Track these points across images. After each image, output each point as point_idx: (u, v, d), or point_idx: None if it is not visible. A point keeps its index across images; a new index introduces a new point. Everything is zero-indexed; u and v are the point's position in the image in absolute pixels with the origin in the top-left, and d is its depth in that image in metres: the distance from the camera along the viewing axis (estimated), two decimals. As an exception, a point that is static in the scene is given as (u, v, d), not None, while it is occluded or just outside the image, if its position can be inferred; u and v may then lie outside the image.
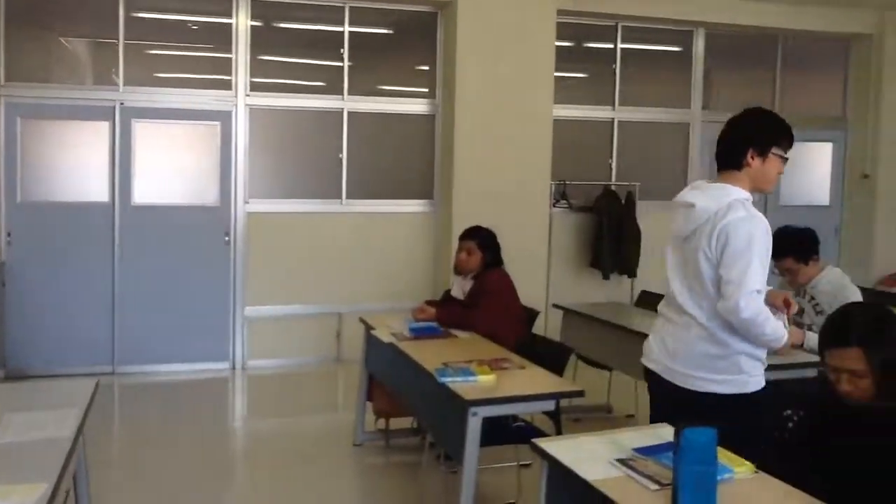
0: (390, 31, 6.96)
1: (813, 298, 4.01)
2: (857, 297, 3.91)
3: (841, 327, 2.16)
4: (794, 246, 3.94)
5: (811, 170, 8.29)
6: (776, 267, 4.05)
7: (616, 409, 5.45)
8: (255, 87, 6.50)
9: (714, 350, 2.67)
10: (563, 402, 5.07)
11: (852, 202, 8.20)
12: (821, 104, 8.36)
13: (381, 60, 6.96)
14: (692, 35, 7.58)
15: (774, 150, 2.76)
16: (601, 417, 5.30)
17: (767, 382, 2.75)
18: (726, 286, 2.59)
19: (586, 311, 5.23)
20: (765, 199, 7.97)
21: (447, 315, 4.36)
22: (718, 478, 2.02)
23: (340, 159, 6.70)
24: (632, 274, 7.14)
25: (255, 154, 6.54)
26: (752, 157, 2.74)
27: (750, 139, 2.76)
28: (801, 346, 3.61)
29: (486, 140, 6.50)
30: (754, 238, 2.61)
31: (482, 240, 4.51)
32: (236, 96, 6.43)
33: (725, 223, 2.63)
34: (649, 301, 5.53)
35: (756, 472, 2.19)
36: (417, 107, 6.87)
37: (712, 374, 2.66)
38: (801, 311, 4.04)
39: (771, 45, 7.91)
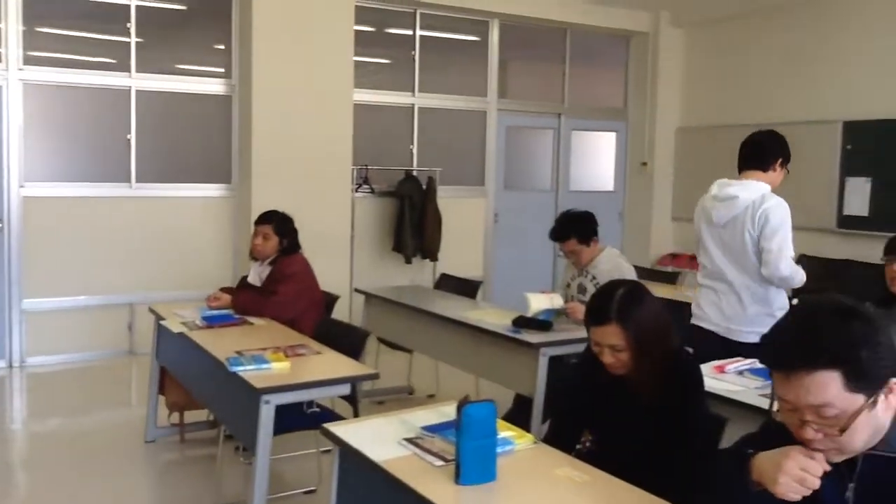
0: (183, 7, 6.63)
1: (594, 278, 4.27)
2: (632, 274, 4.22)
3: (600, 306, 2.32)
4: (576, 228, 4.18)
5: (597, 158, 8.87)
6: (561, 249, 4.29)
7: (418, 390, 5.57)
8: (30, 61, 5.97)
9: (762, 309, 3.50)
10: (366, 386, 5.18)
11: (633, 188, 8.86)
12: (605, 96, 8.95)
13: (173, 38, 6.61)
14: (488, 25, 7.83)
15: (787, 165, 3.66)
16: (403, 399, 5.39)
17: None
18: (767, 254, 3.42)
19: (387, 294, 5.28)
20: (556, 185, 8.45)
21: (243, 302, 4.25)
22: (499, 450, 2.12)
23: (129, 140, 6.32)
24: (434, 258, 7.31)
25: (32, 134, 6.02)
26: (777, 166, 3.63)
27: (778, 153, 3.63)
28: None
29: (285, 123, 6.38)
30: (785, 219, 3.46)
31: (278, 224, 4.43)
32: (7, 70, 5.88)
33: (765, 208, 3.47)
34: (449, 284, 5.69)
35: (536, 442, 2.32)
36: (213, 87, 6.62)
37: (762, 328, 3.21)
38: (584, 290, 4.31)
39: (560, 38, 8.35)
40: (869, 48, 6.92)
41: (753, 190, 3.55)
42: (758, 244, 3.47)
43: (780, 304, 3.53)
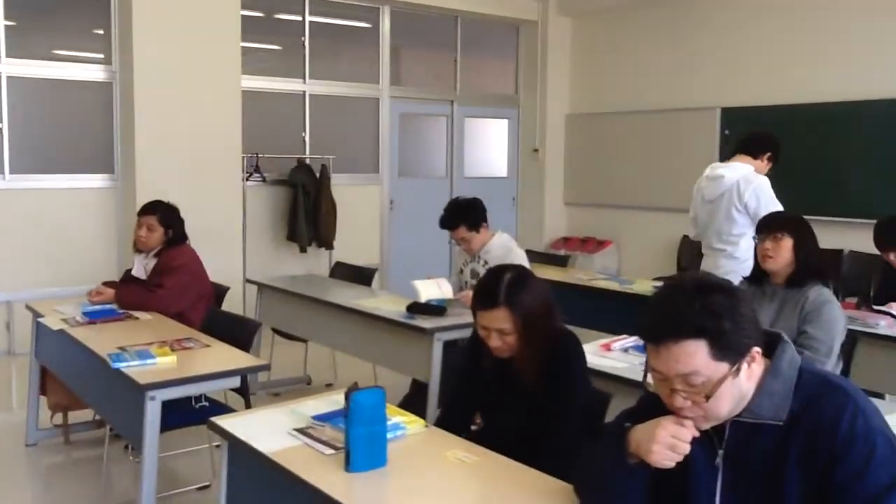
0: (57, -11, 6.32)
1: (486, 263, 4.33)
2: (523, 259, 4.31)
3: (488, 291, 2.36)
4: (465, 216, 4.22)
5: (490, 144, 8.99)
6: (452, 237, 4.33)
7: (315, 380, 5.52)
8: None
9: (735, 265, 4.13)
10: (262, 378, 5.11)
11: (526, 174, 9.02)
12: (497, 84, 9.06)
13: (48, 21, 6.29)
14: (379, 12, 7.79)
15: (773, 160, 4.30)
16: (300, 389, 5.33)
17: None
18: None
19: (281, 284, 5.22)
20: (451, 172, 8.51)
21: (127, 296, 4.10)
22: (390, 435, 2.13)
23: (0, 130, 5.97)
24: (329, 246, 7.24)
25: None
26: (766, 158, 4.27)
27: (770, 147, 4.28)
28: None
29: (170, 111, 6.17)
30: (771, 193, 4.11)
31: (163, 215, 4.29)
32: None
33: (754, 186, 4.13)
34: (344, 272, 5.67)
35: (427, 426, 2.34)
36: (92, 73, 6.33)
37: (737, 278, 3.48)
38: (477, 275, 4.36)
39: (452, 26, 8.39)
40: (744, 39, 7.26)
41: (738, 170, 4.21)
42: (746, 217, 4.15)
43: (746, 256, 4.00)
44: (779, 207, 4.00)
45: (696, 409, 1.55)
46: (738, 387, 1.55)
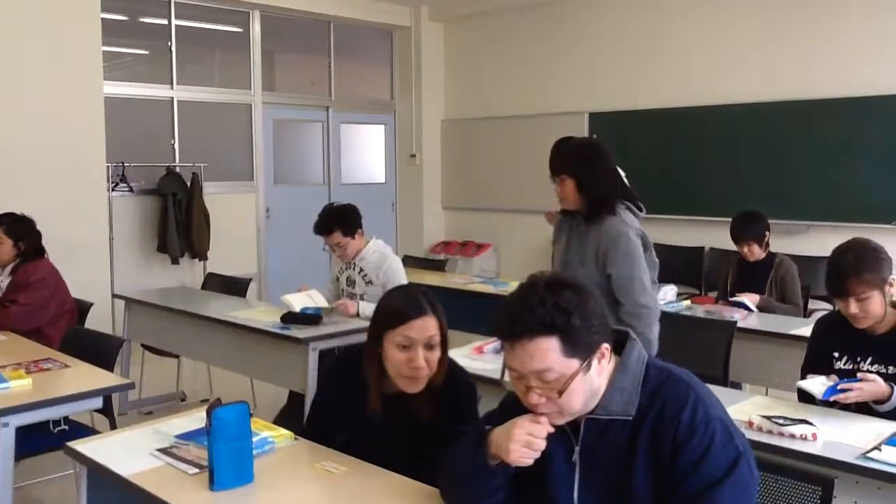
0: None
1: (362, 270, 4.33)
2: (398, 264, 4.34)
3: (416, 299, 2.15)
4: (340, 221, 4.21)
5: (367, 150, 8.97)
6: (326, 243, 4.31)
7: (191, 395, 5.37)
8: None
9: None
10: (132, 397, 4.92)
11: (403, 180, 9.05)
12: (372, 89, 9.05)
13: None
14: (249, 16, 7.64)
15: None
16: (174, 406, 5.17)
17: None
18: None
19: (149, 298, 5.03)
20: (328, 178, 8.45)
21: None
22: (257, 450, 2.10)
23: None
24: (203, 257, 7.03)
25: None
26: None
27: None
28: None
29: (24, 119, 5.82)
30: None
31: (11, 227, 4.09)
32: None
33: None
34: (217, 283, 5.54)
35: (296, 439, 2.31)
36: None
37: None
38: (353, 282, 4.35)
39: (324, 31, 8.33)
40: (610, 44, 7.54)
41: None
42: None
43: None
44: None
45: (551, 405, 1.61)
46: (590, 382, 1.61)
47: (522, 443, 1.61)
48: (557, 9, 7.89)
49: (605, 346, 1.63)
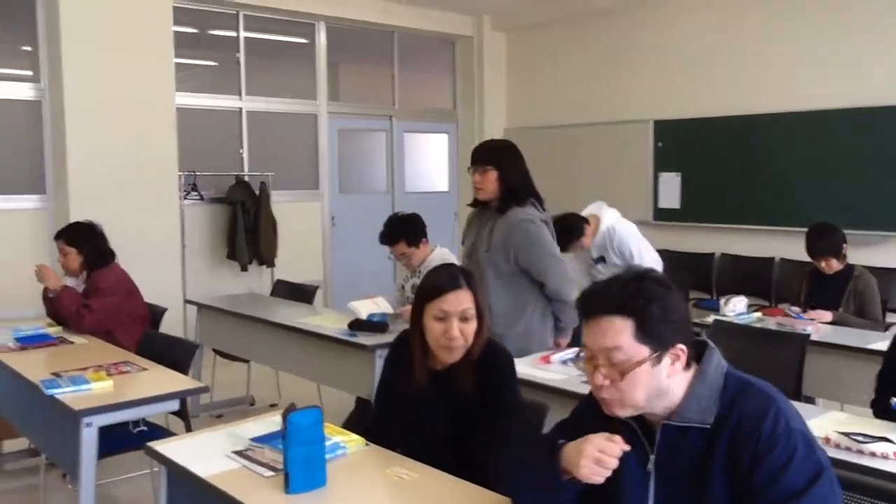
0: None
1: (426, 278, 4.36)
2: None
3: (449, 274, 2.38)
4: (404, 231, 4.25)
5: (430, 159, 9.03)
6: (392, 253, 4.35)
7: (259, 400, 5.47)
8: None
9: None
10: (204, 400, 5.04)
11: (466, 188, 9.01)
12: (435, 98, 9.12)
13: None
14: (314, 27, 7.78)
15: None
16: (244, 410, 5.28)
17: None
18: None
19: (221, 304, 5.15)
20: (392, 187, 8.53)
21: (68, 298, 4.05)
22: (330, 455, 2.14)
23: (-75, 151, 5.79)
24: (270, 264, 7.18)
25: None
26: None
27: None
28: None
29: (103, 129, 6.04)
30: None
31: (69, 238, 4.23)
32: None
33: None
34: (285, 290, 5.63)
35: (367, 444, 2.34)
36: (20, 91, 6.16)
37: None
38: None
39: (388, 41, 8.43)
40: (676, 51, 7.45)
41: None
42: None
43: None
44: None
45: (613, 389, 1.61)
46: (657, 378, 1.60)
47: (593, 459, 1.61)
48: (622, 18, 7.84)
49: (681, 348, 1.62)
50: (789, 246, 6.23)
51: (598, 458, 1.61)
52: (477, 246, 3.48)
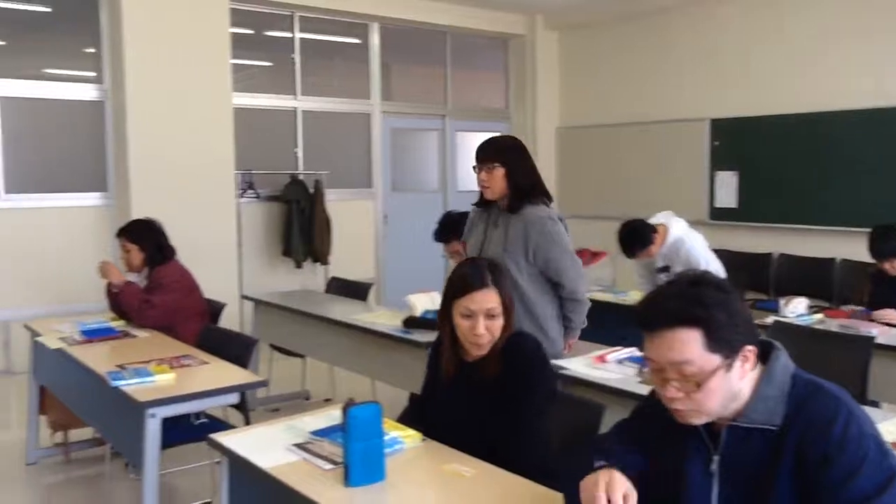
0: (47, 10, 6.35)
1: (481, 275, 4.36)
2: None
3: (475, 272, 2.39)
4: (458, 229, 4.23)
5: (483, 157, 9.01)
6: (445, 250, 4.36)
7: (314, 395, 5.53)
8: None
9: None
10: (261, 394, 5.12)
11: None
12: (487, 97, 9.12)
13: (38, 41, 6.32)
14: (368, 28, 7.84)
15: None
16: (299, 405, 5.35)
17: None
18: None
19: (276, 300, 5.23)
20: (444, 185, 8.56)
21: (131, 293, 4.16)
22: (388, 449, 2.16)
23: (-5, 150, 6.00)
24: (324, 261, 7.27)
25: None
26: None
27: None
28: None
29: (163, 129, 6.20)
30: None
31: (132, 234, 4.32)
32: None
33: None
34: (339, 287, 5.68)
35: (424, 440, 2.36)
36: (84, 92, 6.36)
37: None
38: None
39: (441, 41, 8.45)
40: (732, 50, 7.33)
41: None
42: None
43: None
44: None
45: (688, 400, 1.58)
46: (730, 383, 1.58)
47: (587, 500, 1.62)
48: (676, 17, 7.74)
49: (749, 349, 1.59)
50: (851, 246, 6.07)
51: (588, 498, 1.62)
52: (489, 248, 3.39)
